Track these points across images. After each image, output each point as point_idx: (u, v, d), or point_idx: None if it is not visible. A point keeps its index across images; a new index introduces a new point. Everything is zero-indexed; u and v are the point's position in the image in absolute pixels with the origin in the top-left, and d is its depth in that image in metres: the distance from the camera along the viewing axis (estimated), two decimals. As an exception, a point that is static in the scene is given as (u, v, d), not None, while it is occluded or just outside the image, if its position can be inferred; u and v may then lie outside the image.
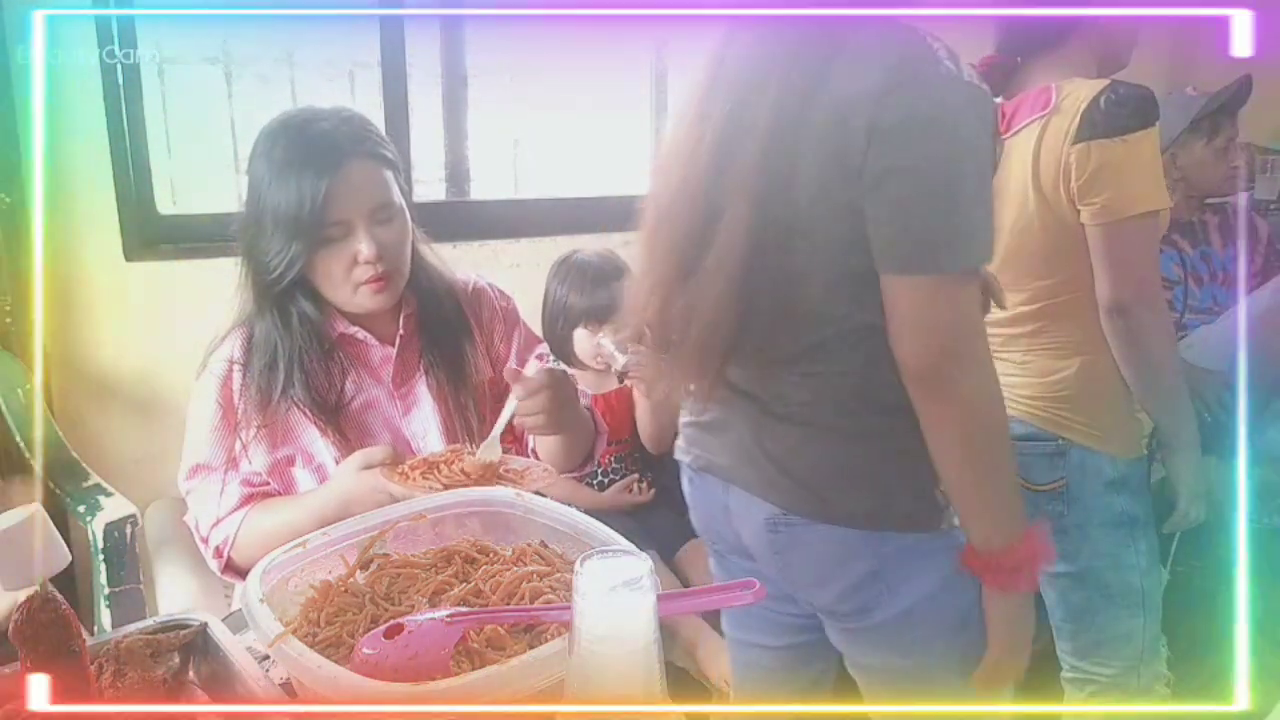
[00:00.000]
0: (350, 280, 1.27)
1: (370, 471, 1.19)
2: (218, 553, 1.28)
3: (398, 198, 1.31)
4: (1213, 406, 1.85)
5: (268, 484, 1.30)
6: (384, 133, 1.36)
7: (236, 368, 1.29)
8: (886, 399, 1.04)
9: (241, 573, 1.30)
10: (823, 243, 1.02)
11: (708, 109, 1.06)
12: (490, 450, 1.24)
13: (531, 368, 1.40)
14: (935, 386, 1.00)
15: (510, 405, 1.25)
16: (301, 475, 1.31)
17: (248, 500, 1.28)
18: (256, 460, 1.29)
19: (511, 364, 1.42)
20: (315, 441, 1.30)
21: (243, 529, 1.26)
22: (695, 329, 1.08)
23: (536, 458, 1.40)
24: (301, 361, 1.28)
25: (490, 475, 1.19)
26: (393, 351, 1.35)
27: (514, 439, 1.41)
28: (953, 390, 0.99)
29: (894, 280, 1.00)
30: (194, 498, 1.30)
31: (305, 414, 1.29)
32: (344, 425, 1.30)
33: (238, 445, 1.28)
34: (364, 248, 1.25)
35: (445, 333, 1.39)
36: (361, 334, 1.33)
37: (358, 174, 1.25)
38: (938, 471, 1.04)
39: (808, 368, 1.07)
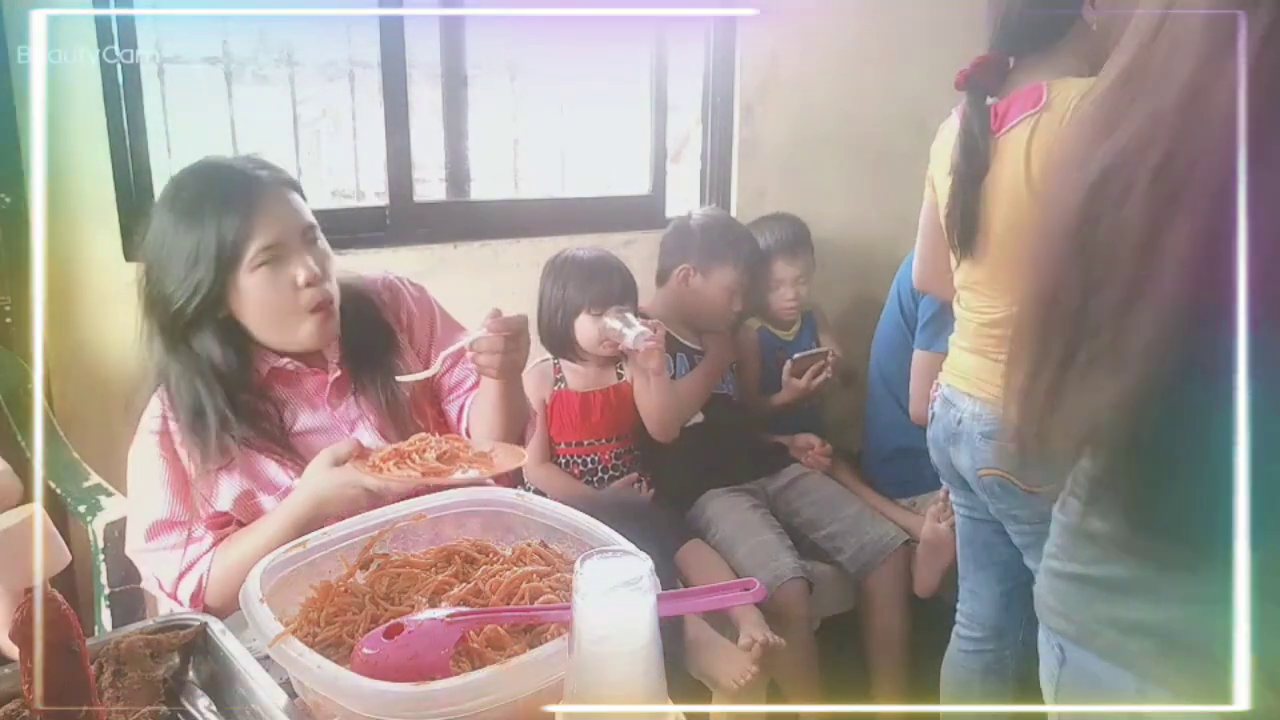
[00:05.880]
0: (295, 309, 1.26)
1: (341, 468, 1.18)
2: (194, 600, 1.25)
3: (313, 218, 1.32)
4: None
5: (237, 523, 1.29)
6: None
7: (171, 422, 1.28)
8: None
9: (221, 616, 1.29)
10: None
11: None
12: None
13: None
14: None
15: (461, 341, 1.27)
16: (269, 504, 1.29)
17: (216, 544, 1.27)
18: (221, 501, 1.27)
19: (438, 351, 1.41)
20: (277, 473, 1.29)
21: (214, 568, 1.24)
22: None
23: (468, 434, 1.39)
24: (232, 402, 1.27)
25: (459, 459, 1.20)
26: (328, 378, 1.35)
27: (446, 426, 1.42)
28: None
29: None
30: (151, 557, 1.27)
31: (256, 449, 1.28)
32: (297, 452, 1.29)
33: (195, 495, 1.26)
34: (304, 270, 1.25)
35: (371, 348, 1.38)
36: (292, 365, 1.33)
37: (283, 200, 1.27)
38: None
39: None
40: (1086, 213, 0.71)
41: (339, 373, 1.35)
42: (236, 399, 1.28)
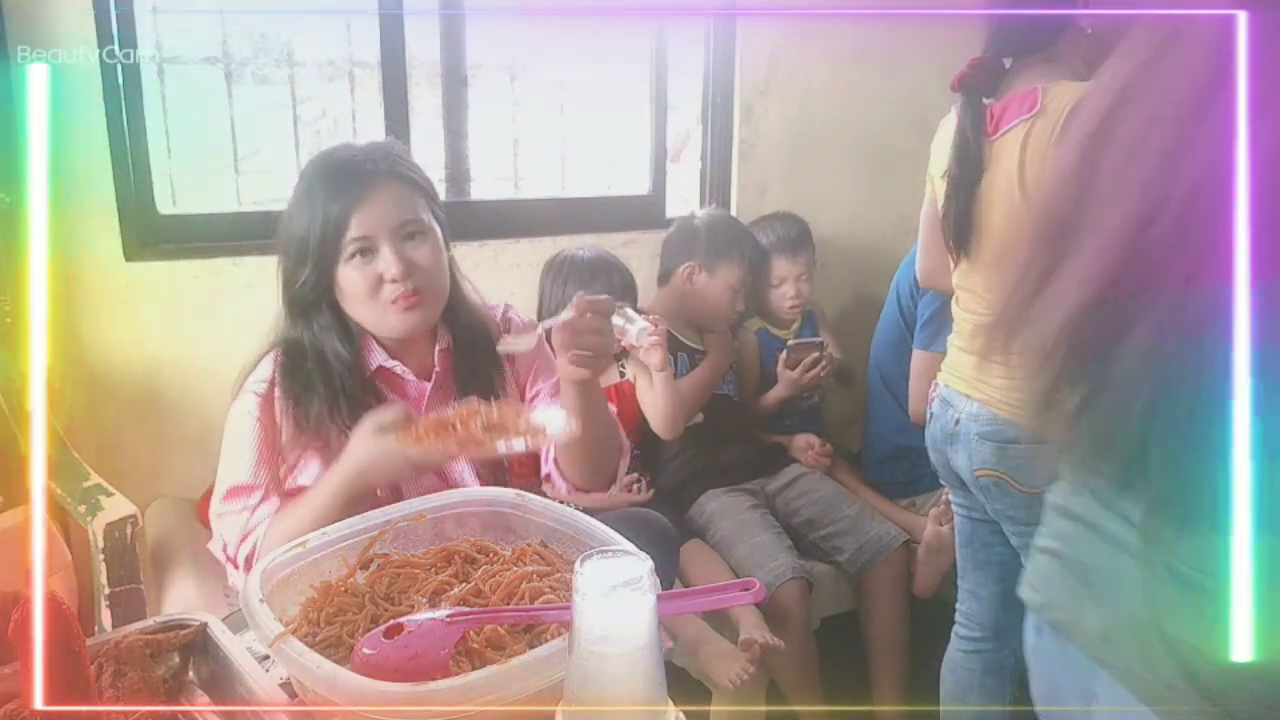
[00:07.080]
0: (378, 300, 1.28)
1: (384, 437, 1.17)
2: (248, 564, 1.25)
3: (428, 218, 1.32)
4: None
5: None
6: (414, 161, 1.38)
7: (277, 389, 1.30)
8: None
9: None
10: None
11: None
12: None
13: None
14: None
15: (555, 318, 1.19)
16: None
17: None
18: (304, 478, 1.28)
19: (537, 387, 1.43)
20: None
21: (267, 537, 1.24)
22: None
23: (558, 467, 1.39)
24: (344, 390, 1.29)
25: (508, 429, 1.15)
26: (428, 387, 1.36)
27: (522, 465, 1.42)
28: None
29: None
30: (225, 520, 1.28)
31: (348, 436, 1.27)
32: None
33: (282, 468, 1.27)
34: (389, 266, 1.26)
35: (478, 370, 1.39)
36: (400, 368, 1.34)
37: (382, 193, 1.28)
38: None
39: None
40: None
41: (441, 385, 1.36)
42: (342, 383, 1.30)
